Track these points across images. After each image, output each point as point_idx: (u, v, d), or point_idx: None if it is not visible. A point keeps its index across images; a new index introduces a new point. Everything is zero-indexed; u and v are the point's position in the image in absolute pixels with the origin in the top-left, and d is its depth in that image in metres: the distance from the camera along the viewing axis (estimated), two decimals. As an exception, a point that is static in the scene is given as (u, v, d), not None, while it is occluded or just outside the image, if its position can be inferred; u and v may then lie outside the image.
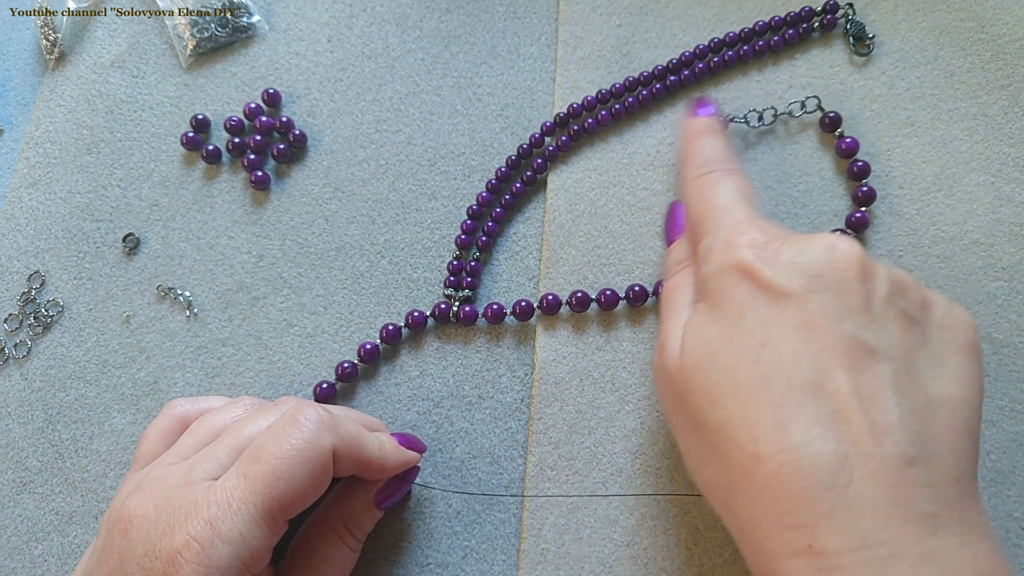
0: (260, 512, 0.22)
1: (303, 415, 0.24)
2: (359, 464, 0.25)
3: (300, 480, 0.23)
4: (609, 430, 0.30)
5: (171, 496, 0.23)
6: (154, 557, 0.22)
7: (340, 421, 0.25)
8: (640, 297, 0.31)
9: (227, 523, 0.22)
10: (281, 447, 0.23)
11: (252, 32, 0.38)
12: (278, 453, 0.23)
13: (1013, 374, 0.30)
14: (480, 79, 0.36)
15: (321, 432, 0.24)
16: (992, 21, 0.35)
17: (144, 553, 0.22)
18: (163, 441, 0.27)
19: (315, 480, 0.23)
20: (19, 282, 0.35)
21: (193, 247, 0.35)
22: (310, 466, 0.23)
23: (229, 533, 0.22)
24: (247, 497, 0.22)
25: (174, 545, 0.22)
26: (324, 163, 0.36)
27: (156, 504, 0.23)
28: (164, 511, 0.23)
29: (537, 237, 0.34)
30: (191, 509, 0.22)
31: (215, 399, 0.29)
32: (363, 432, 0.26)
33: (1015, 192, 0.32)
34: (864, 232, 0.32)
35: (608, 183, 0.34)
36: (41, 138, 0.37)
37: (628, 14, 0.37)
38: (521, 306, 0.31)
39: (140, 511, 0.23)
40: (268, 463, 0.23)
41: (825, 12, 0.35)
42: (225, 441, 0.25)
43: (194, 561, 0.21)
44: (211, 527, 0.22)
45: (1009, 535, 0.28)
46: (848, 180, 0.33)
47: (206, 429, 0.27)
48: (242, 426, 0.25)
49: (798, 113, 0.34)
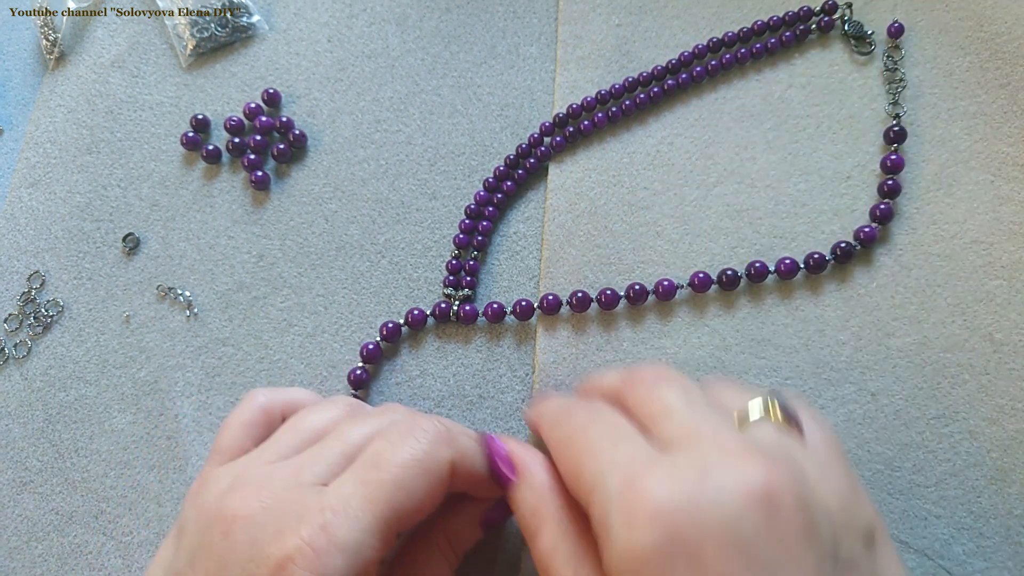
0: (378, 521, 0.21)
1: (421, 425, 0.23)
2: (474, 481, 0.24)
3: (419, 492, 0.22)
4: (609, 429, 0.30)
5: (279, 498, 0.22)
6: (261, 562, 0.20)
7: (457, 435, 0.24)
8: (640, 296, 0.31)
9: (344, 530, 0.20)
10: (402, 456, 0.22)
11: (252, 32, 0.38)
12: (398, 461, 0.22)
13: (1013, 372, 0.30)
14: (480, 79, 0.36)
15: (440, 444, 0.23)
16: (991, 20, 0.35)
17: (250, 558, 0.21)
18: (248, 434, 0.26)
19: (432, 493, 0.22)
20: (19, 282, 0.35)
21: (193, 247, 0.35)
22: (429, 478, 0.22)
23: (345, 541, 0.20)
24: (365, 505, 0.21)
25: (285, 550, 0.20)
26: (324, 163, 0.36)
27: (263, 505, 0.22)
28: (272, 513, 0.21)
29: (537, 237, 0.34)
30: (303, 513, 0.21)
31: (299, 391, 0.28)
32: (478, 447, 0.24)
33: (1014, 191, 0.32)
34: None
35: (608, 183, 0.34)
36: (41, 138, 0.37)
37: (627, 13, 0.37)
38: (521, 305, 0.31)
39: (245, 511, 0.22)
40: (388, 471, 0.22)
41: (823, 12, 0.35)
42: (333, 445, 0.23)
43: (306, 569, 0.20)
44: (326, 533, 0.20)
45: (1010, 533, 0.28)
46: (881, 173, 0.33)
47: (308, 429, 0.25)
48: (349, 430, 0.24)
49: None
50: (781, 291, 0.32)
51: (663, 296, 0.31)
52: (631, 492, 0.18)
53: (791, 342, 0.31)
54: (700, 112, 0.35)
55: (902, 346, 0.30)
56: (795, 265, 0.31)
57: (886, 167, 0.32)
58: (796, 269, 0.31)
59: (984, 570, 0.27)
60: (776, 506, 0.17)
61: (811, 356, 0.31)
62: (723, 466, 0.18)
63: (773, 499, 0.17)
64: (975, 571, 0.27)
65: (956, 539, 0.28)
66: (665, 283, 0.31)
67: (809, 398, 0.30)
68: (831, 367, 0.30)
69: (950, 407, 0.29)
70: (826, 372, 0.30)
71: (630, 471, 0.19)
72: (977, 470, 0.29)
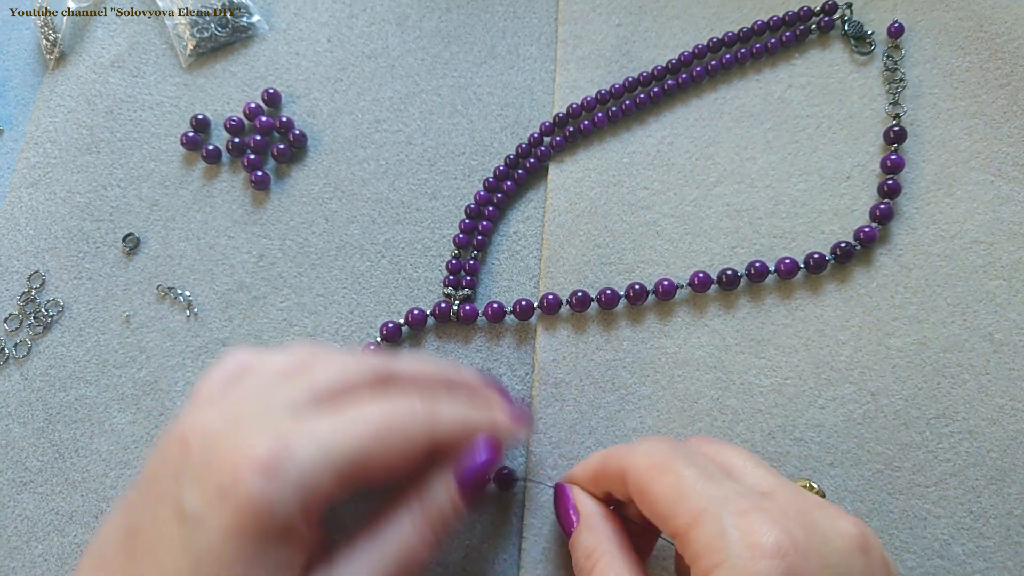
0: (341, 461, 0.20)
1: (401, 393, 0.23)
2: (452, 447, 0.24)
3: (389, 452, 0.21)
4: (609, 430, 0.30)
5: (244, 417, 0.21)
6: (215, 468, 0.20)
7: (439, 409, 0.23)
8: (640, 296, 0.31)
9: (306, 452, 0.20)
10: (384, 412, 0.22)
11: (252, 32, 0.38)
12: (376, 416, 0.22)
13: (1013, 372, 0.30)
14: (480, 79, 0.36)
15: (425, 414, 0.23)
16: (990, 20, 0.35)
17: (203, 462, 0.20)
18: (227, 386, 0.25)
19: (404, 456, 0.22)
20: (19, 282, 0.35)
21: (193, 247, 0.35)
22: (408, 441, 0.22)
23: (303, 461, 0.20)
24: (334, 440, 0.21)
25: (240, 455, 0.20)
26: (324, 163, 0.36)
27: (225, 420, 0.21)
28: (235, 427, 0.21)
29: (537, 237, 0.34)
30: (266, 428, 0.20)
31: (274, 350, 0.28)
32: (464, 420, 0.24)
33: (1014, 191, 0.32)
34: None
35: (608, 182, 0.34)
36: (41, 138, 0.37)
37: (627, 13, 0.37)
38: (521, 305, 0.31)
39: (205, 426, 0.21)
40: (366, 422, 0.21)
41: (824, 12, 0.35)
42: (301, 380, 0.23)
43: (260, 474, 0.19)
44: (287, 450, 0.20)
45: (1010, 533, 0.28)
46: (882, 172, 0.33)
47: (271, 371, 0.24)
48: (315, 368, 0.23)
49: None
50: (781, 291, 0.32)
51: (663, 296, 0.31)
52: (749, 524, 0.20)
53: (791, 342, 0.31)
54: (700, 112, 0.35)
55: (902, 346, 0.30)
56: (795, 265, 0.31)
57: (886, 167, 0.32)
58: (796, 269, 0.31)
59: (984, 570, 0.27)
60: (869, 549, 0.21)
61: (811, 356, 0.31)
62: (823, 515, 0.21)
63: (868, 547, 0.21)
64: (975, 571, 0.27)
65: (956, 539, 0.28)
66: (665, 283, 0.31)
67: (809, 398, 0.30)
68: (831, 367, 0.30)
69: (950, 407, 0.29)
70: (826, 372, 0.30)
71: (744, 504, 0.20)
72: (977, 470, 0.29)
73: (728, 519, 0.20)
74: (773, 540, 0.19)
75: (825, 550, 0.20)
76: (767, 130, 0.34)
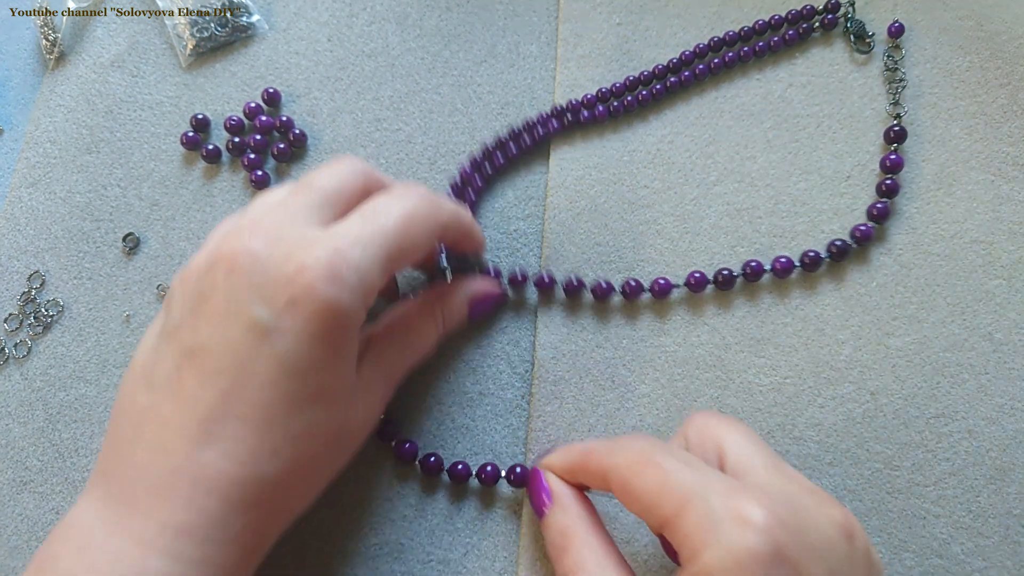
0: (385, 254, 0.23)
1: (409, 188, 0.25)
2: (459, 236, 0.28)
3: (417, 239, 0.24)
4: (608, 428, 0.30)
5: (283, 235, 0.22)
6: (274, 283, 0.21)
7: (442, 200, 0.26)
8: (635, 292, 0.31)
9: (357, 253, 0.22)
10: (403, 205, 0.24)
11: (252, 32, 0.38)
12: (398, 213, 0.24)
13: (1012, 372, 0.30)
14: (480, 78, 0.36)
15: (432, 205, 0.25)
16: (990, 19, 0.35)
17: (261, 283, 0.21)
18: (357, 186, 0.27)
19: (424, 242, 0.25)
20: (19, 282, 0.35)
21: (193, 247, 0.35)
22: (424, 229, 0.24)
23: (359, 263, 0.22)
24: (375, 238, 0.23)
25: (303, 265, 0.21)
26: (324, 162, 0.36)
27: (265, 240, 0.22)
28: (279, 244, 0.22)
29: (537, 235, 0.34)
30: (313, 242, 0.22)
31: None
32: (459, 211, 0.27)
33: (1014, 190, 0.32)
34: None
35: (608, 181, 0.34)
36: (41, 138, 0.37)
37: (628, 12, 0.37)
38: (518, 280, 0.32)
39: (246, 248, 0.22)
40: (391, 218, 0.23)
41: (826, 11, 0.35)
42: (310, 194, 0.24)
43: (327, 281, 0.21)
44: (340, 255, 0.22)
45: (1008, 532, 0.28)
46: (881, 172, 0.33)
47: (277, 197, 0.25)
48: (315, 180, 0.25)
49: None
50: (781, 290, 0.32)
51: (658, 294, 0.31)
52: (736, 503, 0.20)
53: (790, 341, 0.31)
54: (701, 111, 0.35)
55: (901, 345, 0.30)
56: (791, 264, 0.31)
57: (886, 166, 0.32)
58: (792, 268, 0.31)
59: (983, 569, 0.28)
60: (853, 537, 0.21)
61: (810, 355, 0.31)
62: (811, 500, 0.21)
63: (853, 535, 0.21)
64: (974, 570, 0.28)
65: (955, 538, 0.28)
66: (661, 282, 0.31)
67: (808, 397, 0.30)
68: (830, 366, 0.30)
69: (949, 406, 0.29)
70: (825, 371, 0.30)
71: (729, 487, 0.21)
72: (976, 469, 0.29)
73: (715, 499, 0.20)
74: (761, 516, 0.19)
75: (810, 533, 0.20)
76: (767, 129, 0.34)
